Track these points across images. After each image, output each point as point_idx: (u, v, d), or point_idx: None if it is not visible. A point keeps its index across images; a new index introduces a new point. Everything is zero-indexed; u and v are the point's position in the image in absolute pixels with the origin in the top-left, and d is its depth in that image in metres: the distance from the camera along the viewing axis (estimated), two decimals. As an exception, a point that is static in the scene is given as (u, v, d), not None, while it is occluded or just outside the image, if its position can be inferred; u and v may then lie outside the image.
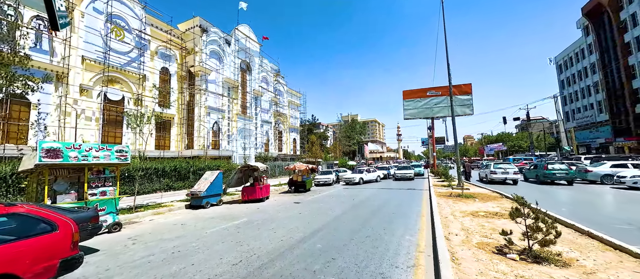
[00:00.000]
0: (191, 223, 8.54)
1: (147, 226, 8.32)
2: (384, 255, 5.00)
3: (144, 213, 10.12)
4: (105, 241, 6.69)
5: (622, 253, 4.49)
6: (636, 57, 34.72)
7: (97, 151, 7.32)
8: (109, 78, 21.75)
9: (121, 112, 22.10)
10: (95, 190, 7.50)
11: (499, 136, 77.47)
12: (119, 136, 22.75)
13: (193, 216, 9.76)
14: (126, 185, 14.95)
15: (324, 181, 20.99)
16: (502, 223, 6.61)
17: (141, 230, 7.81)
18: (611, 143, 38.10)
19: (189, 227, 8.01)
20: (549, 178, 16.42)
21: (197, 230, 7.63)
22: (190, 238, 6.74)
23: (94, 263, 5.11)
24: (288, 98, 48.36)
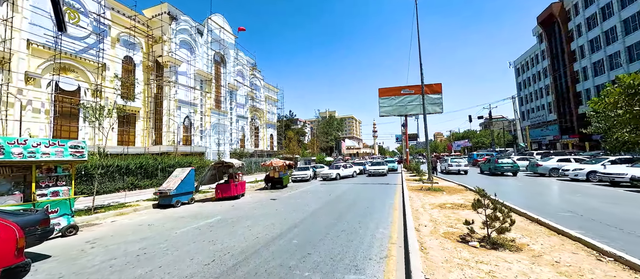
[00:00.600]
0: (159, 224, 8.06)
1: (108, 228, 7.70)
2: (358, 248, 5.15)
3: (105, 214, 9.34)
4: (58, 246, 6.07)
5: (564, 237, 5.08)
6: (580, 63, 39.17)
7: (46, 147, 6.57)
8: (62, 66, 19.53)
9: (77, 104, 20.00)
10: (45, 190, 6.75)
11: (465, 133, 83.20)
12: (75, 130, 20.63)
13: (162, 216, 9.22)
14: (84, 184, 13.66)
15: (301, 177, 20.97)
16: (466, 213, 7.13)
17: (101, 233, 7.21)
18: (558, 140, 42.78)
19: (156, 228, 7.55)
20: (498, 170, 19.53)
21: (166, 230, 7.23)
22: (158, 239, 6.37)
23: (45, 271, 4.63)
24: (265, 93, 47.31)
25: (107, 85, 21.58)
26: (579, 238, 4.79)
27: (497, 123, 73.86)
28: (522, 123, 55.69)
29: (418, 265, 3.87)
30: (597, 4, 35.54)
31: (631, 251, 4.19)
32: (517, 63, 58.90)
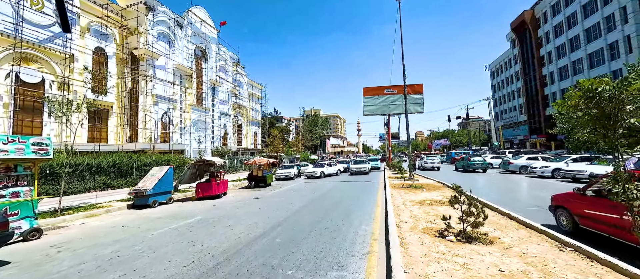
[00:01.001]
0: (134, 225, 7.67)
1: (77, 231, 7.21)
2: (341, 245, 5.21)
3: (74, 215, 8.74)
4: (20, 251, 5.60)
5: (532, 230, 5.46)
6: (548, 68, 42.04)
7: (4, 144, 6.02)
8: (23, 56, 17.92)
9: (41, 98, 18.46)
10: (3, 191, 6.19)
11: (445, 132, 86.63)
12: (38, 126, 19.06)
13: (137, 217, 8.78)
14: (50, 184, 12.69)
15: (285, 175, 20.82)
16: (443, 209, 7.44)
17: (69, 236, 6.74)
18: (528, 140, 45.73)
19: (131, 229, 7.19)
20: (471, 167, 21.48)
21: (142, 231, 6.90)
22: (132, 241, 6.06)
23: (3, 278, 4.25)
24: (249, 90, 46.33)
25: (76, 78, 20.11)
26: (545, 230, 5.16)
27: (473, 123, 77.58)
28: (496, 124, 58.90)
29: (398, 260, 3.98)
30: (563, 13, 38.27)
31: (588, 241, 4.59)
32: (492, 66, 62.09)
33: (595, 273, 3.53)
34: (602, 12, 31.91)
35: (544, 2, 42.25)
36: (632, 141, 1.98)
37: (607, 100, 1.72)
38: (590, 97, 1.83)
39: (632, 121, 1.81)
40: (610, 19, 31.09)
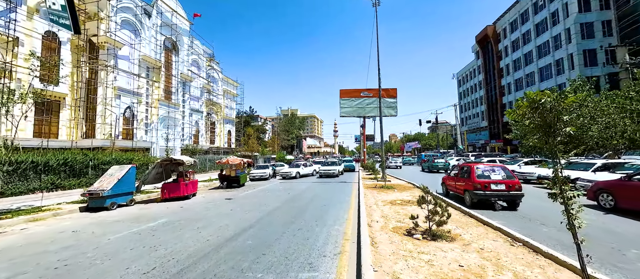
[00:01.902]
0: (87, 230, 6.98)
1: (16, 238, 6.37)
2: (314, 246, 5.22)
3: (13, 220, 7.70)
4: (-63, 263, 4.79)
5: (488, 227, 5.93)
6: (506, 79, 46.20)
7: None
8: (-49, 35, 15.42)
9: (-26, 85, 16.00)
10: None
11: (416, 135, 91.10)
12: (-30, 117, 16.49)
13: (91, 221, 7.99)
14: (-19, 185, 11.02)
15: (259, 175, 20.38)
16: (412, 209, 7.80)
17: (7, 243, 5.93)
18: (488, 144, 49.83)
19: (83, 235, 6.52)
20: (435, 168, 23.63)
21: (96, 237, 6.29)
22: (84, 247, 5.50)
23: None
24: (223, 86, 44.61)
25: (20, 65, 17.79)
26: (499, 227, 5.64)
27: (442, 127, 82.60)
28: (461, 128, 63.32)
29: (368, 259, 4.09)
30: (519, 30, 42.35)
31: (534, 236, 5.12)
32: (459, 75, 66.70)
33: (539, 264, 3.93)
34: (551, 32, 35.89)
35: (504, 19, 46.42)
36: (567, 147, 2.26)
37: (548, 111, 1.96)
38: (535, 107, 2.06)
39: (568, 130, 2.08)
40: (557, 39, 35.07)
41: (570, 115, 2.03)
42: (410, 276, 3.63)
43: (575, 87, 19.91)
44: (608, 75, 30.38)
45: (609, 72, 30.38)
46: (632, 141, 16.06)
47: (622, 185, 7.26)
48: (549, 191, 2.53)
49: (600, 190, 7.81)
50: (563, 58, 34.01)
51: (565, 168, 12.45)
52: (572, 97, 2.07)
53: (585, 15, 32.17)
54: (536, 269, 3.76)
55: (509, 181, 8.04)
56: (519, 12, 42.29)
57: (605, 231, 5.84)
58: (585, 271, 2.34)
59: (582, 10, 32.34)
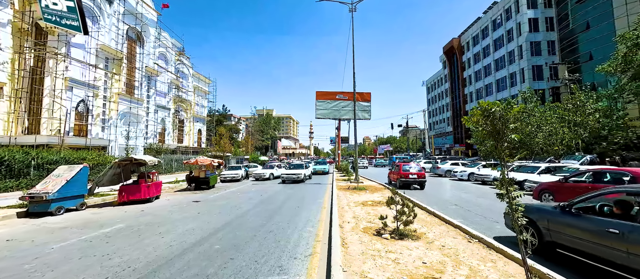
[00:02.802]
0: (26, 238, 6.15)
1: None
2: (285, 248, 5.16)
3: None
4: None
5: (450, 226, 6.36)
6: (468, 89, 50.17)
7: None
8: None
9: None
10: None
11: (388, 139, 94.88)
12: None
13: (31, 228, 7.06)
14: None
15: (231, 177, 19.67)
16: (382, 209, 8.07)
17: None
18: (453, 148, 53.57)
19: (21, 243, 5.74)
20: None
21: (37, 246, 5.57)
22: (21, 258, 4.83)
23: None
24: (194, 83, 42.38)
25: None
26: (459, 225, 6.08)
27: (412, 131, 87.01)
28: (429, 133, 67.29)
29: (338, 260, 4.15)
30: (480, 45, 46.32)
31: (488, 233, 5.59)
32: (428, 82, 70.94)
33: (491, 258, 4.31)
34: (507, 48, 39.80)
35: (468, 33, 50.46)
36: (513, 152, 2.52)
37: (497, 119, 2.19)
38: (487, 116, 2.29)
39: (513, 136, 2.34)
40: (512, 54, 38.98)
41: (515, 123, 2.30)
42: (377, 274, 3.74)
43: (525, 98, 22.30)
44: (551, 89, 34.48)
45: (552, 86, 34.50)
46: (569, 148, 18.39)
47: (560, 185, 8.26)
48: (497, 192, 2.80)
49: (543, 190, 8.81)
50: (516, 72, 37.89)
51: (517, 171, 13.87)
52: (516, 108, 2.35)
53: (534, 34, 36.22)
54: (489, 263, 4.11)
55: (419, 173, 13.76)
56: (480, 28, 46.27)
57: (546, 227, 6.59)
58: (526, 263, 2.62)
59: (532, 30, 36.37)
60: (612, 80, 21.21)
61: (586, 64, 30.64)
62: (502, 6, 40.49)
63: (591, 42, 30.73)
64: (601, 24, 29.69)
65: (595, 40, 30.08)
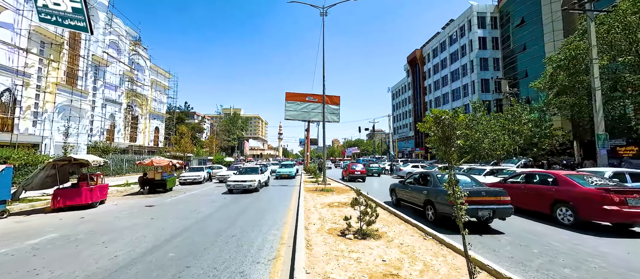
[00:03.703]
0: None
1: None
2: (248, 252, 4.99)
3: None
4: None
5: (408, 225, 6.77)
6: (428, 97, 54.30)
7: None
8: None
9: None
10: None
11: (356, 141, 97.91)
12: None
13: None
14: None
15: (192, 179, 18.43)
16: (347, 210, 8.28)
17: None
18: (414, 151, 57.34)
19: None
20: (369, 172, 25.50)
21: None
22: None
23: None
24: (152, 76, 38.89)
25: None
26: (416, 224, 6.51)
27: (378, 135, 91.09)
28: (393, 137, 71.17)
29: (301, 262, 4.14)
30: (439, 57, 50.55)
31: (442, 231, 6.09)
32: (393, 89, 75.09)
33: (442, 253, 4.70)
34: (461, 62, 44.05)
35: (428, 46, 54.70)
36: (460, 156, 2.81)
37: (446, 126, 2.43)
38: (438, 123, 2.54)
39: (459, 142, 2.62)
40: (465, 68, 43.24)
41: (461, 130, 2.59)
42: (340, 274, 3.83)
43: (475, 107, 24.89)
44: (496, 101, 39.03)
45: (497, 98, 39.08)
46: (508, 152, 20.98)
47: (501, 186, 9.36)
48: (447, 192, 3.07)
49: (487, 191, 9.89)
50: (468, 84, 42.12)
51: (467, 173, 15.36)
52: (462, 116, 2.65)
53: (483, 51, 40.71)
54: (440, 258, 4.48)
55: (361, 170, 19.98)
56: (439, 42, 50.54)
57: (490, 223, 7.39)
58: (467, 255, 2.91)
59: (481, 48, 40.84)
60: (541, 95, 24.80)
61: (523, 80, 35.35)
62: (458, 24, 44.80)
63: (527, 61, 35.60)
64: (534, 47, 34.62)
65: (530, 60, 34.91)
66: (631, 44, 15.49)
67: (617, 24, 15.57)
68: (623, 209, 6.04)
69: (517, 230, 6.57)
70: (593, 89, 14.27)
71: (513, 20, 37.87)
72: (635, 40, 15.21)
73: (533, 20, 34.80)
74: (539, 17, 33.99)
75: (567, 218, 6.84)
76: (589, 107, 15.78)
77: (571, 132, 25.90)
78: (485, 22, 41.45)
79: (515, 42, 37.87)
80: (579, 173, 8.01)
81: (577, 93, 18.94)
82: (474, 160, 22.58)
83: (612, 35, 15.97)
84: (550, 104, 21.49)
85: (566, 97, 19.55)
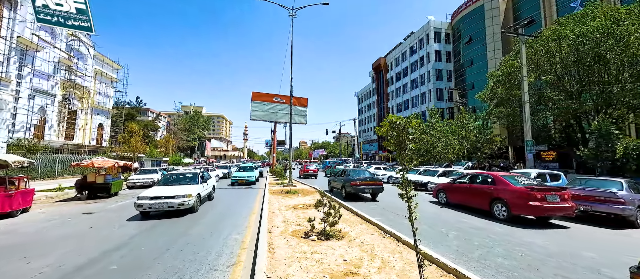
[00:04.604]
0: None
1: None
2: (204, 260, 4.70)
3: None
4: None
5: (369, 224, 7.07)
6: (391, 102, 57.60)
7: None
8: None
9: None
10: None
11: (323, 144, 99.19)
12: None
13: None
14: None
15: (143, 182, 16.73)
16: (312, 212, 8.33)
17: None
18: (377, 154, 60.19)
19: None
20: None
21: None
22: None
23: None
24: (97, 66, 34.40)
25: None
26: (376, 223, 6.83)
27: (344, 137, 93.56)
28: (359, 139, 73.83)
29: (262, 266, 4.05)
30: (400, 66, 54.08)
31: (399, 228, 6.49)
32: (359, 94, 78.04)
33: (399, 250, 5.01)
34: (420, 71, 47.71)
35: (392, 54, 58.17)
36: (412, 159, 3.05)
37: (401, 130, 2.64)
38: (393, 127, 2.73)
39: (411, 146, 2.85)
40: (423, 77, 46.91)
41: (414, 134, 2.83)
42: (301, 276, 3.83)
43: (431, 114, 27.24)
44: (448, 109, 43.11)
45: (449, 107, 43.20)
46: (458, 156, 23.31)
47: (451, 186, 10.34)
48: (399, 192, 3.30)
49: (440, 190, 10.84)
50: (425, 92, 45.79)
51: (423, 174, 16.63)
52: (414, 122, 2.90)
53: (438, 63, 44.70)
54: (397, 255, 4.77)
55: (314, 169, 25.56)
56: (401, 52, 54.10)
57: (439, 219, 8.10)
58: (417, 250, 3.17)
59: (437, 60, 44.81)
60: (485, 105, 28.16)
61: (471, 91, 39.68)
62: (417, 36, 48.55)
63: (474, 75, 40.08)
64: (480, 63, 39.17)
65: (476, 73, 39.37)
66: (551, 65, 18.49)
67: (541, 48, 18.46)
68: (543, 204, 7.14)
69: (464, 225, 7.31)
70: (523, 102, 16.66)
71: (463, 37, 42.38)
72: (554, 62, 18.20)
73: (479, 39, 39.40)
74: (483, 37, 38.62)
75: (502, 213, 7.84)
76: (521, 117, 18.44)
77: (507, 138, 29.85)
78: (440, 37, 45.63)
79: (464, 57, 42.38)
80: (512, 174, 9.26)
81: (512, 105, 21.92)
82: (430, 162, 24.59)
83: (537, 57, 18.87)
84: (491, 114, 24.49)
85: (503, 108, 22.50)
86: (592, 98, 16.94)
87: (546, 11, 32.37)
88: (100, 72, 35.28)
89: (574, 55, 16.84)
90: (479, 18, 39.70)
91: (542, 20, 31.73)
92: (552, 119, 21.79)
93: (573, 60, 17.06)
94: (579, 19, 17.09)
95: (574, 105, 17.35)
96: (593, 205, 7.81)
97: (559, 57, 17.64)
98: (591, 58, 16.26)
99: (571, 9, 24.32)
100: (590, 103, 17.10)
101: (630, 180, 8.66)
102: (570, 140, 20.02)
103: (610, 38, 15.16)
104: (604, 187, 8.08)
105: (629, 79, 15.51)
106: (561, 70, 18.21)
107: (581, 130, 18.69)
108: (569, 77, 18.32)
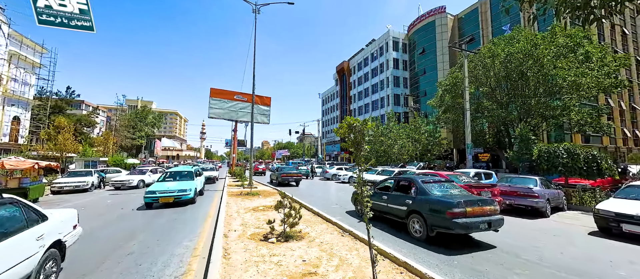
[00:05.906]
0: None
1: None
2: (148, 272, 4.24)
3: None
4: None
5: (329, 224, 7.20)
6: (353, 105, 59.78)
7: None
8: None
9: None
10: None
11: (287, 144, 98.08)
12: None
13: None
14: None
15: (74, 186, 14.41)
16: (272, 214, 8.15)
17: None
18: (339, 155, 61.83)
19: None
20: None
21: None
22: None
23: None
24: (12, 48, 28.48)
25: None
26: (336, 222, 7.00)
27: (307, 138, 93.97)
28: (322, 140, 74.91)
29: (216, 274, 3.81)
30: (362, 71, 56.56)
31: (359, 227, 6.74)
32: (323, 95, 79.28)
33: (356, 247, 5.20)
34: (379, 77, 50.51)
35: (355, 59, 60.46)
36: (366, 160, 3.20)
37: (358, 132, 2.76)
38: (351, 129, 2.85)
39: (367, 147, 3.00)
40: (382, 83, 49.77)
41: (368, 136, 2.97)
42: (258, 281, 3.70)
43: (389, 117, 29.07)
44: (404, 113, 46.52)
45: (404, 111, 46.64)
46: (412, 157, 25.31)
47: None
48: (354, 190, 3.43)
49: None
50: (384, 97, 48.67)
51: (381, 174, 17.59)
52: (370, 125, 3.07)
53: (396, 70, 47.93)
54: (354, 252, 4.94)
55: (263, 168, 33.17)
56: (363, 57, 56.61)
57: (394, 216, 8.66)
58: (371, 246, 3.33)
59: (395, 67, 48.01)
60: (435, 111, 31.13)
61: (423, 98, 43.45)
62: (378, 44, 51.38)
63: (426, 83, 43.99)
64: (431, 72, 43.18)
65: (428, 82, 43.27)
66: (487, 79, 21.32)
67: (479, 63, 21.17)
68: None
69: (413, 221, 7.92)
70: (464, 110, 18.86)
71: (417, 48, 46.27)
72: (489, 76, 21.03)
73: (431, 50, 43.46)
74: (434, 49, 42.73)
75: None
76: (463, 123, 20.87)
77: (452, 141, 33.44)
78: (398, 46, 49.04)
79: (418, 66, 46.26)
80: (455, 173, 10.39)
81: (456, 112, 24.65)
82: (387, 162, 26.17)
83: (477, 71, 21.60)
84: (439, 119, 27.16)
85: (450, 114, 25.16)
86: (516, 108, 20.03)
87: (484, 31, 37.30)
88: (18, 55, 29.32)
89: (504, 71, 19.71)
90: (431, 32, 43.80)
91: (480, 38, 36.45)
92: (487, 125, 25.12)
93: (503, 75, 19.96)
94: (508, 41, 20.07)
95: (503, 114, 20.26)
96: (516, 200, 9.21)
97: (493, 72, 20.46)
98: (516, 75, 19.22)
99: (503, 31, 28.45)
100: (515, 113, 20.19)
101: (542, 178, 10.42)
102: (500, 144, 23.32)
103: (530, 59, 18.14)
104: (524, 184, 9.59)
105: (543, 94, 18.75)
106: (494, 83, 21.13)
107: (508, 135, 21.92)
108: (500, 90, 21.36)
